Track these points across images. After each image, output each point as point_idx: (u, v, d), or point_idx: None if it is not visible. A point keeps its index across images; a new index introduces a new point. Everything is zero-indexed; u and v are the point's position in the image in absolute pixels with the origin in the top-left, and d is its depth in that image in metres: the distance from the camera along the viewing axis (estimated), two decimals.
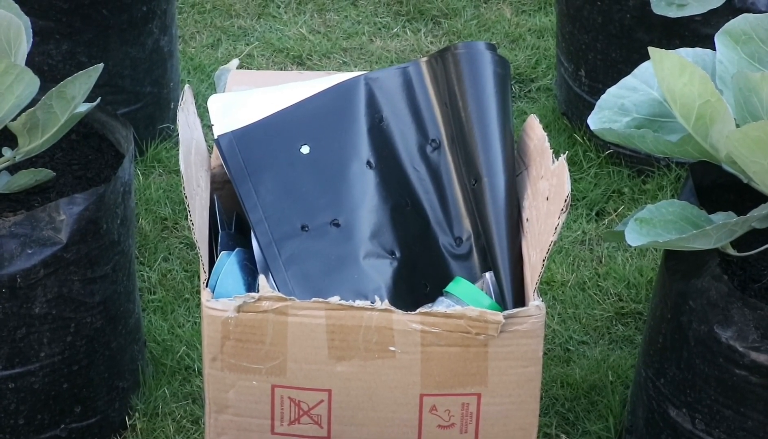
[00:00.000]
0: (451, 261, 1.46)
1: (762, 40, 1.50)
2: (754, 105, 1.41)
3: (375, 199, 1.44)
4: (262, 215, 1.44)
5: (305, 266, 1.41)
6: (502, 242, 1.42)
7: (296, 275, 1.40)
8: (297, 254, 1.42)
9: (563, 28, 2.37)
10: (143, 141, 2.29)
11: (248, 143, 1.47)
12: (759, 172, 1.38)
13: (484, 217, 1.44)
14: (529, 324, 1.31)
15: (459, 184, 1.48)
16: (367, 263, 1.40)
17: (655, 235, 1.43)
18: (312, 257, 1.42)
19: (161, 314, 1.95)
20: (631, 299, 2.00)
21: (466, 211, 1.47)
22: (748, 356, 1.42)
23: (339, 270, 1.41)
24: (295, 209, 1.44)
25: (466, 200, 1.47)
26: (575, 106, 2.38)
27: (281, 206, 1.44)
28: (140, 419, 1.75)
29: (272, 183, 1.45)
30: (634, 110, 1.53)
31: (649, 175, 2.27)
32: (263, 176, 1.46)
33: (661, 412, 1.56)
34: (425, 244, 1.46)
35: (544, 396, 1.81)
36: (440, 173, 1.48)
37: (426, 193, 1.48)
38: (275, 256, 1.41)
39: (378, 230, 1.43)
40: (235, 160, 1.47)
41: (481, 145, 1.45)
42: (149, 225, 2.13)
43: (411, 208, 1.47)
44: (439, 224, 1.47)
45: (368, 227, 1.43)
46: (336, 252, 1.42)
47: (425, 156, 1.48)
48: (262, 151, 1.47)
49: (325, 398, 1.33)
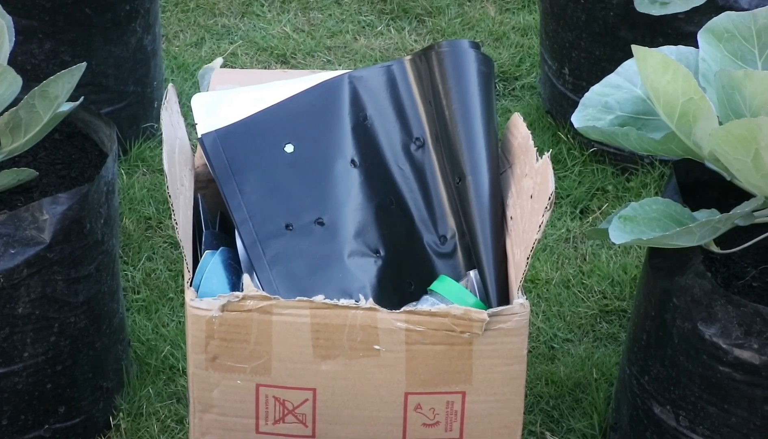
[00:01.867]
0: (435, 259, 1.46)
1: (744, 37, 1.50)
2: (737, 102, 1.41)
3: (359, 197, 1.44)
4: (246, 215, 1.43)
5: (290, 265, 1.41)
6: (486, 241, 1.42)
7: (281, 274, 1.40)
8: (282, 253, 1.42)
9: (547, 26, 2.38)
10: (127, 140, 2.28)
11: (232, 142, 1.47)
12: (742, 169, 1.39)
13: (468, 216, 1.44)
14: (513, 322, 1.31)
15: (443, 182, 1.48)
16: (352, 261, 1.40)
17: (639, 232, 1.43)
18: (297, 257, 1.41)
19: (145, 314, 1.94)
20: (615, 297, 2.01)
21: (450, 210, 1.48)
22: (732, 353, 1.43)
23: (324, 269, 1.41)
24: (280, 208, 1.43)
25: (450, 199, 1.47)
26: (559, 104, 2.38)
27: (266, 205, 1.44)
28: (124, 419, 1.75)
29: (256, 182, 1.45)
30: (618, 108, 1.53)
31: (632, 173, 2.28)
32: (247, 175, 1.45)
33: (645, 409, 1.56)
34: (410, 242, 1.46)
35: (529, 394, 1.81)
36: (424, 172, 1.48)
37: (410, 191, 1.48)
38: (260, 255, 1.41)
39: (362, 228, 1.43)
40: (219, 158, 1.47)
41: (465, 144, 1.45)
42: (133, 224, 2.13)
43: (395, 206, 1.47)
44: (424, 222, 1.47)
45: (353, 226, 1.43)
46: (321, 251, 1.41)
47: (409, 154, 1.48)
48: (246, 149, 1.47)
49: (310, 397, 1.33)
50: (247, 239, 1.43)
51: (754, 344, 1.41)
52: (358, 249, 1.41)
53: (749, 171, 1.38)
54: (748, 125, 1.32)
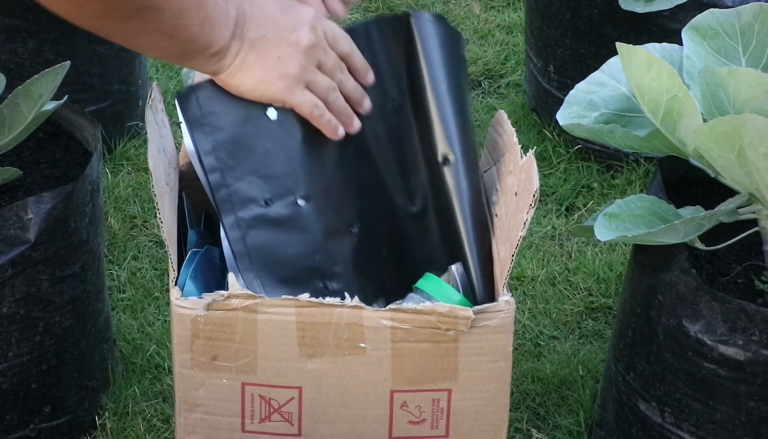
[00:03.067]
0: (406, 221, 1.43)
1: (728, 35, 1.50)
2: (721, 100, 1.42)
3: (337, 169, 1.40)
4: (222, 181, 1.35)
5: (269, 250, 1.37)
6: (469, 232, 1.41)
7: (262, 265, 1.37)
8: (261, 235, 1.37)
9: (532, 24, 2.38)
10: (111, 139, 2.28)
11: (210, 98, 1.36)
12: (726, 166, 1.39)
13: (448, 202, 1.42)
14: (499, 319, 1.31)
15: (421, 153, 1.44)
16: (330, 241, 1.38)
17: (624, 229, 1.43)
18: (277, 242, 1.37)
19: (131, 313, 1.94)
20: (600, 294, 2.01)
21: (425, 180, 1.44)
22: (717, 350, 1.43)
23: (303, 253, 1.37)
24: (259, 180, 1.37)
25: (424, 169, 1.44)
26: (544, 102, 2.38)
27: (243, 172, 1.36)
28: (110, 418, 1.74)
29: (233, 146, 1.36)
30: (603, 105, 1.53)
31: (618, 170, 2.28)
32: (224, 136, 1.36)
33: (630, 406, 1.56)
34: (381, 209, 1.43)
35: (515, 391, 1.81)
36: (398, 137, 1.43)
37: (383, 155, 1.43)
38: (240, 239, 1.36)
39: (340, 203, 1.39)
40: (194, 114, 1.36)
41: (442, 120, 1.42)
42: (118, 223, 2.12)
43: (368, 174, 1.42)
44: (396, 186, 1.43)
45: (331, 201, 1.38)
46: (300, 231, 1.38)
47: (384, 116, 1.43)
48: (227, 108, 1.36)
49: (296, 396, 1.33)
50: (224, 208, 1.35)
51: (739, 341, 1.41)
52: (335, 227, 1.38)
53: (733, 168, 1.38)
54: (732, 122, 1.33)
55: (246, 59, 1.31)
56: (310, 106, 1.35)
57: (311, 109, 1.35)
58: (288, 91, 1.34)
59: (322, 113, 1.36)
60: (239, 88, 1.33)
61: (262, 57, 1.31)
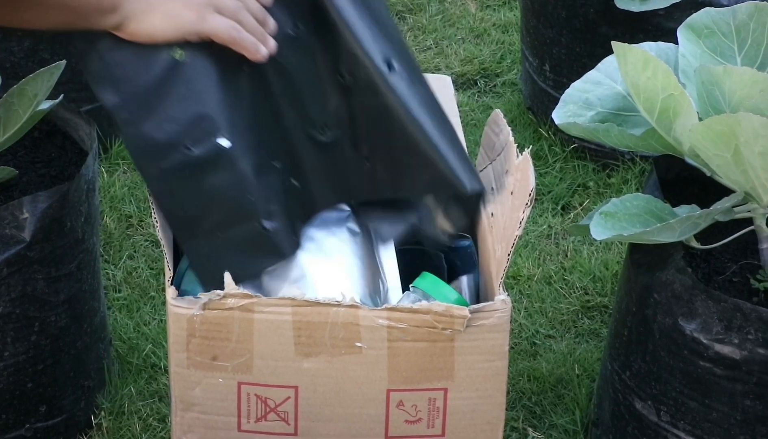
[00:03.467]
0: (316, 151, 1.35)
1: (724, 33, 1.51)
2: (717, 98, 1.42)
3: (254, 103, 1.31)
4: (144, 144, 1.27)
5: (202, 201, 1.27)
6: (432, 132, 1.31)
7: (195, 218, 1.28)
8: (192, 190, 1.26)
9: (528, 23, 2.38)
10: (107, 138, 2.28)
11: (112, 48, 1.27)
12: (722, 165, 1.39)
13: (389, 113, 1.31)
14: (495, 318, 1.31)
15: (332, 79, 1.33)
16: (260, 178, 1.29)
17: (620, 228, 1.43)
18: (206, 188, 1.26)
19: (127, 312, 1.94)
20: (596, 293, 2.01)
21: (337, 106, 1.34)
22: (712, 348, 1.43)
23: (236, 196, 1.28)
24: (178, 128, 1.27)
25: (337, 96, 1.34)
26: (540, 101, 2.38)
27: (162, 125, 1.27)
28: (106, 417, 1.74)
29: (144, 95, 1.28)
30: (599, 104, 1.53)
31: (613, 169, 2.29)
32: (132, 86, 1.28)
33: (626, 405, 1.57)
34: (295, 140, 1.34)
35: (511, 390, 1.81)
36: (302, 64, 1.33)
37: (291, 85, 1.33)
38: (167, 193, 1.28)
39: (262, 138, 1.31)
40: (97, 67, 1.30)
41: (357, 34, 1.29)
42: (114, 223, 2.12)
43: (277, 104, 1.33)
44: (306, 116, 1.34)
45: (253, 138, 1.30)
46: (228, 172, 1.27)
47: (288, 43, 1.33)
48: (130, 57, 1.27)
49: (292, 395, 1.33)
50: (143, 162, 1.28)
51: (735, 339, 1.42)
52: (262, 163, 1.29)
53: (729, 167, 1.38)
54: (728, 121, 1.33)
55: (144, 1, 1.23)
56: (227, 29, 1.26)
57: (229, 32, 1.26)
58: (201, 20, 1.25)
59: (241, 33, 1.27)
60: (148, 31, 1.24)
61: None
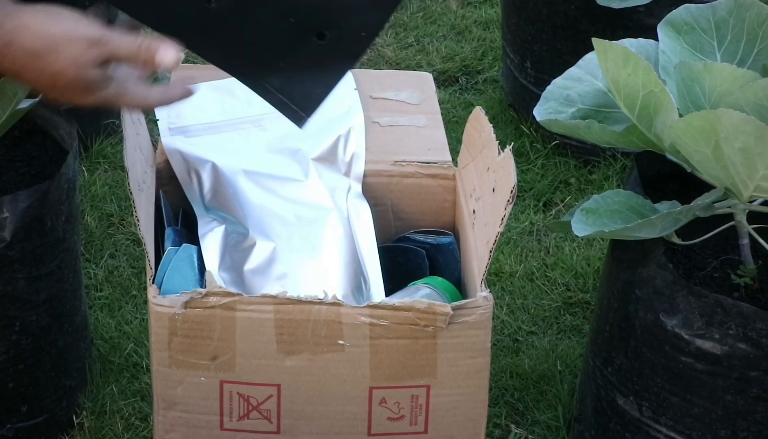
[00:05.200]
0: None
1: (704, 30, 1.51)
2: (697, 94, 1.42)
3: None
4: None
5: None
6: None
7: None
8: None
9: (509, 20, 2.38)
10: (88, 137, 2.27)
11: None
12: (702, 161, 1.40)
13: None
14: (477, 315, 1.31)
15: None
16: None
17: (601, 225, 1.44)
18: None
19: (108, 311, 1.93)
20: (578, 289, 2.02)
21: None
22: (694, 344, 1.44)
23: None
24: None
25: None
26: (521, 98, 2.39)
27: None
28: (88, 417, 1.73)
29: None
30: (580, 101, 1.54)
31: (595, 166, 2.29)
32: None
33: (608, 400, 1.57)
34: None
35: (494, 387, 1.81)
36: None
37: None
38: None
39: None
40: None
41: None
42: (95, 222, 2.12)
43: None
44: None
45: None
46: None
47: None
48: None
49: (275, 393, 1.33)
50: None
51: (716, 335, 1.42)
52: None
53: (709, 162, 1.39)
54: (708, 117, 1.33)
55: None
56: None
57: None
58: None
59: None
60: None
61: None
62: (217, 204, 1.51)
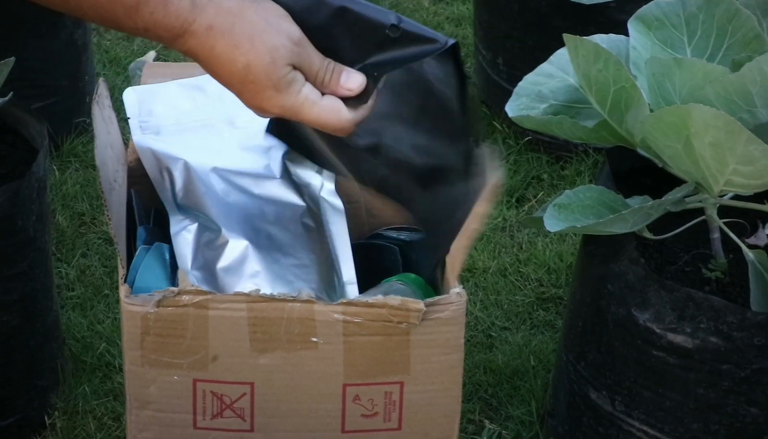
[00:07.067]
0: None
1: (674, 25, 1.52)
2: (668, 90, 1.43)
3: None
4: None
5: None
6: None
7: None
8: None
9: (481, 17, 2.38)
10: (59, 136, 2.25)
11: None
12: (673, 156, 1.40)
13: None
14: (450, 311, 1.31)
15: None
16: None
17: (574, 220, 1.44)
18: None
19: (80, 311, 1.92)
20: (551, 284, 2.02)
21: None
22: (666, 338, 1.45)
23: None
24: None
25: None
26: (494, 94, 2.39)
27: None
28: (60, 417, 1.73)
29: None
30: (551, 97, 1.54)
31: (567, 161, 2.30)
32: None
33: (582, 395, 1.57)
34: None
35: (468, 383, 1.82)
36: None
37: None
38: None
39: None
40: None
41: None
42: (66, 221, 2.10)
43: None
44: None
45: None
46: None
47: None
48: None
49: (248, 391, 1.33)
50: None
51: (687, 329, 1.43)
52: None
53: (680, 157, 1.39)
54: (679, 112, 1.34)
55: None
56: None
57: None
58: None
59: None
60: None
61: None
62: (189, 202, 1.51)
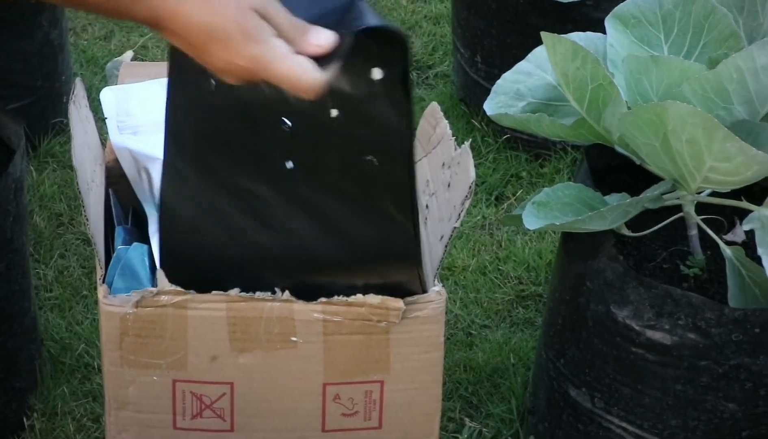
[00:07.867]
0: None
1: (650, 23, 1.52)
2: (645, 87, 1.43)
3: None
4: None
5: None
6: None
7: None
8: None
9: (459, 15, 2.39)
10: (36, 136, 2.24)
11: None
12: (651, 153, 1.41)
13: None
14: (429, 310, 1.31)
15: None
16: None
17: (552, 218, 1.44)
18: None
19: (59, 312, 1.91)
20: (531, 282, 2.02)
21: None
22: (644, 334, 1.45)
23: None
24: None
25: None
26: (472, 92, 2.39)
27: None
28: (39, 419, 1.72)
29: None
30: (530, 95, 1.54)
31: (546, 159, 2.30)
32: None
33: (561, 392, 1.58)
34: None
35: (448, 381, 1.82)
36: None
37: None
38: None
39: None
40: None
41: None
42: (44, 222, 2.09)
43: None
44: None
45: None
46: None
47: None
48: None
49: (228, 391, 1.32)
50: None
51: (666, 325, 1.43)
52: None
53: (657, 155, 1.40)
54: (656, 110, 1.34)
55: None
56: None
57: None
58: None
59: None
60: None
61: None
62: None
